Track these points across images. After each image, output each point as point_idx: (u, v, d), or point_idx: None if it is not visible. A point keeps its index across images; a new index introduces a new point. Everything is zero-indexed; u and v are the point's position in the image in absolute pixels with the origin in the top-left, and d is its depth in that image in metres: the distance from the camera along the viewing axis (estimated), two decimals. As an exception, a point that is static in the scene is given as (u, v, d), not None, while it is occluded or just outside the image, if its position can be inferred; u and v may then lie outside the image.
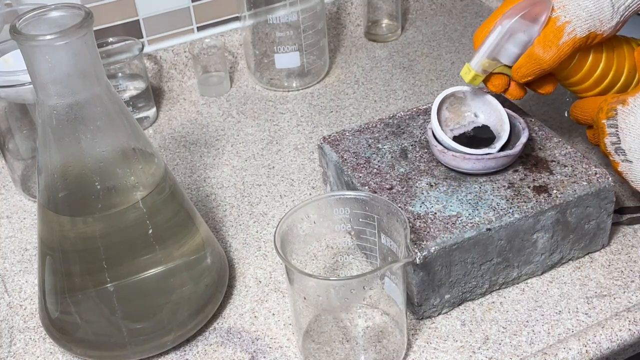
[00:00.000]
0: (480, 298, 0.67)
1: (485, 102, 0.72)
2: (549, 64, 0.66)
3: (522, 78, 0.67)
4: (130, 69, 0.94)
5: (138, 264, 0.62)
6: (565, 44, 0.65)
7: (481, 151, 0.67)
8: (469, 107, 0.72)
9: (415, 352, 0.63)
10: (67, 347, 0.64)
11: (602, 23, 0.65)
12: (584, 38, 0.65)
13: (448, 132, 0.71)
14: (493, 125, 0.71)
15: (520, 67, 0.67)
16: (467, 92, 0.72)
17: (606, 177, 0.67)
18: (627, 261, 0.70)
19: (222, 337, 0.66)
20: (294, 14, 0.95)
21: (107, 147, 0.59)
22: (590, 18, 0.65)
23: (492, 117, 0.71)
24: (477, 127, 0.72)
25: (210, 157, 0.90)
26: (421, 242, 0.62)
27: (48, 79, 0.55)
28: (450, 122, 0.72)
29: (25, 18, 0.55)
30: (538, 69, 0.66)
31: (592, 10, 0.65)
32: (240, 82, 1.04)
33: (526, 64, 0.66)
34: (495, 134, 0.70)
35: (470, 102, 0.72)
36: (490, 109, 0.71)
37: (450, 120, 0.72)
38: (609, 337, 0.62)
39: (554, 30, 0.65)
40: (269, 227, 0.78)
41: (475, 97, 0.72)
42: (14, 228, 0.81)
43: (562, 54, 0.65)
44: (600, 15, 0.65)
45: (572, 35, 0.65)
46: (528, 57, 0.66)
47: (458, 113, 0.72)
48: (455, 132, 0.71)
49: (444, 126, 0.71)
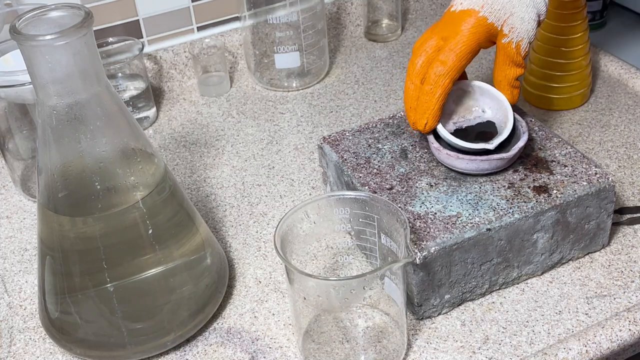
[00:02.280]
0: (480, 298, 0.67)
1: (493, 98, 0.71)
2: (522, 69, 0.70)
3: (515, 97, 0.71)
4: (130, 69, 0.94)
5: (138, 264, 0.62)
6: (525, 54, 0.69)
7: (477, 145, 0.67)
8: (476, 102, 0.72)
9: (415, 352, 0.63)
10: (67, 347, 0.64)
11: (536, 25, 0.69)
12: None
13: (450, 124, 0.71)
14: (499, 122, 0.70)
15: (510, 92, 0.70)
16: (476, 86, 0.71)
17: (606, 177, 0.67)
18: (627, 261, 0.70)
19: (222, 337, 0.66)
20: (294, 14, 0.95)
21: (107, 147, 0.59)
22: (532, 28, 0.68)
23: (499, 114, 0.71)
24: (481, 122, 0.71)
25: (210, 157, 0.90)
26: (421, 242, 0.62)
27: (48, 79, 0.55)
28: (455, 115, 0.71)
29: (25, 18, 0.55)
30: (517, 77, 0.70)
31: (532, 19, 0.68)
32: (240, 82, 1.04)
33: (509, 85, 0.70)
34: (499, 131, 0.70)
35: (479, 96, 0.71)
36: (498, 105, 0.71)
37: (455, 113, 0.71)
38: (609, 337, 0.62)
39: (515, 51, 0.68)
40: (269, 227, 0.78)
41: (484, 92, 0.71)
42: (14, 228, 0.81)
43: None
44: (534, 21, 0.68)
45: (528, 48, 0.69)
46: (507, 81, 0.70)
47: (465, 107, 0.71)
48: (458, 125, 0.71)
49: (447, 118, 0.70)
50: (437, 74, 0.66)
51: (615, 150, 0.84)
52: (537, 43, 0.89)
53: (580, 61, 0.88)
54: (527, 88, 0.92)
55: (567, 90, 0.90)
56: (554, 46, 0.87)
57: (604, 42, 1.04)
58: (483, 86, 0.71)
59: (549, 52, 0.88)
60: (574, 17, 0.86)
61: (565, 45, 0.87)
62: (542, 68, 0.89)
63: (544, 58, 0.89)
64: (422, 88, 0.67)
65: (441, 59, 0.66)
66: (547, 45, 0.88)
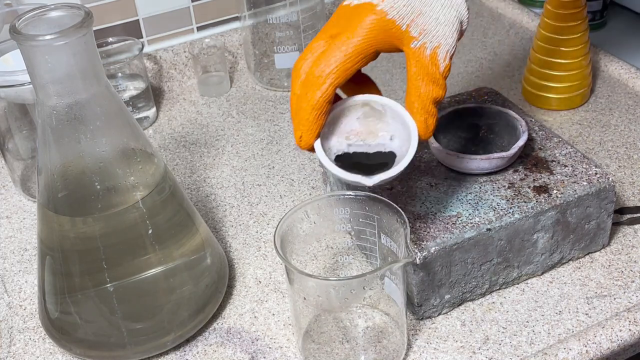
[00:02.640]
0: (480, 298, 0.67)
1: (404, 125, 0.56)
2: (444, 93, 0.55)
3: (429, 128, 0.56)
4: (130, 69, 0.94)
5: (138, 264, 0.62)
6: (446, 68, 0.55)
7: (352, 177, 0.54)
8: (387, 126, 0.57)
9: (415, 353, 0.63)
10: (66, 348, 0.64)
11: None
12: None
13: (344, 144, 0.56)
14: (400, 155, 0.56)
15: (423, 121, 0.55)
16: (388, 106, 0.56)
17: (606, 177, 0.67)
18: (627, 261, 0.70)
19: (222, 337, 0.66)
20: (294, 14, 0.95)
21: (107, 147, 0.59)
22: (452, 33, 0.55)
23: (405, 148, 0.56)
24: (382, 152, 0.57)
25: (210, 157, 0.90)
26: (421, 242, 0.62)
27: (48, 79, 0.55)
28: (354, 136, 0.56)
29: (25, 18, 0.55)
30: (435, 104, 0.55)
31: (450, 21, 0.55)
32: (240, 82, 1.04)
33: (423, 110, 0.55)
34: (395, 164, 0.56)
35: (390, 120, 0.56)
36: (407, 136, 0.56)
37: (356, 133, 0.57)
38: (609, 337, 0.62)
39: (430, 61, 0.54)
40: (269, 227, 0.78)
41: (396, 116, 0.56)
42: (14, 228, 0.81)
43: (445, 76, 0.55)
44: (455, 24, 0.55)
45: (448, 60, 0.55)
46: (421, 104, 0.55)
47: (371, 129, 0.57)
48: (354, 148, 0.56)
49: (342, 136, 0.56)
50: (316, 75, 0.53)
51: (615, 150, 0.84)
52: (537, 43, 0.89)
53: (580, 61, 0.88)
54: (527, 88, 0.92)
55: (567, 90, 0.90)
56: (554, 46, 0.87)
57: (604, 42, 1.04)
58: (396, 108, 0.56)
59: (549, 52, 0.88)
60: (574, 17, 0.86)
61: (565, 45, 0.87)
62: (542, 68, 0.89)
63: (544, 58, 0.89)
64: (300, 94, 0.55)
65: (323, 58, 0.53)
66: (547, 45, 0.88)
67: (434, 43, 0.54)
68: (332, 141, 0.56)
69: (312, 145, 0.55)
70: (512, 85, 0.97)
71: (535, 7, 1.14)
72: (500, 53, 1.05)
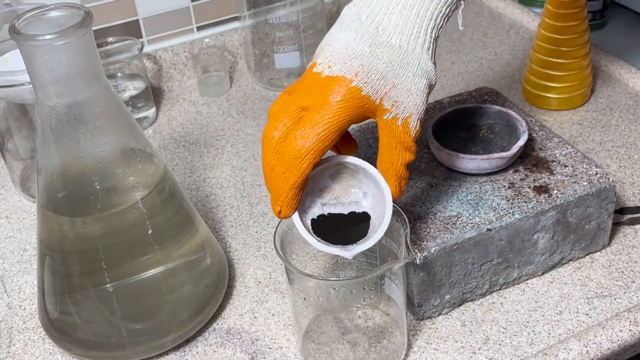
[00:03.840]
0: (480, 298, 0.67)
1: (377, 186, 0.57)
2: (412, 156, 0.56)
3: (402, 190, 0.57)
4: (129, 69, 0.94)
5: (137, 264, 0.62)
6: (417, 133, 0.56)
7: (332, 249, 0.55)
8: (359, 183, 0.58)
9: (415, 353, 0.63)
10: (66, 348, 0.64)
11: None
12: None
13: (318, 205, 0.57)
14: (374, 219, 0.57)
15: (397, 185, 0.56)
16: (361, 167, 0.56)
17: (607, 177, 0.67)
18: (627, 261, 0.70)
19: (221, 337, 0.66)
20: (294, 14, 0.95)
21: (107, 147, 0.59)
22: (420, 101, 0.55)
23: (379, 209, 0.57)
24: (355, 212, 0.57)
25: (210, 157, 0.90)
26: (421, 242, 0.62)
27: (47, 79, 0.55)
28: (327, 194, 0.57)
29: (25, 18, 0.55)
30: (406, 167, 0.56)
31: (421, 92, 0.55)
32: (240, 82, 1.04)
33: (397, 175, 0.56)
34: (369, 233, 0.57)
35: (362, 178, 0.57)
36: (380, 197, 0.57)
37: (329, 191, 0.57)
38: (609, 337, 0.62)
39: (402, 130, 0.55)
40: (268, 227, 0.78)
41: (368, 176, 0.57)
42: (13, 228, 0.81)
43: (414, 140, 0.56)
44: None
45: (419, 126, 0.55)
46: (394, 170, 0.56)
47: (344, 185, 0.58)
48: (327, 209, 0.57)
49: (316, 196, 0.57)
50: (293, 156, 0.52)
51: (615, 150, 0.84)
52: (537, 43, 0.89)
53: (581, 61, 0.88)
54: (527, 88, 0.92)
55: (568, 90, 0.90)
56: (554, 46, 0.87)
57: (604, 42, 1.04)
58: (369, 170, 0.56)
59: (549, 51, 0.88)
60: (574, 17, 0.86)
61: (565, 45, 0.87)
62: (542, 68, 0.89)
63: (544, 58, 0.89)
64: (275, 170, 0.54)
65: (298, 138, 0.53)
66: (548, 45, 0.88)
67: (405, 114, 0.54)
68: (307, 202, 0.57)
69: (291, 217, 0.55)
70: (512, 85, 0.97)
71: (535, 7, 1.14)
72: (501, 53, 1.05)
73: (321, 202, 0.57)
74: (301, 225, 0.55)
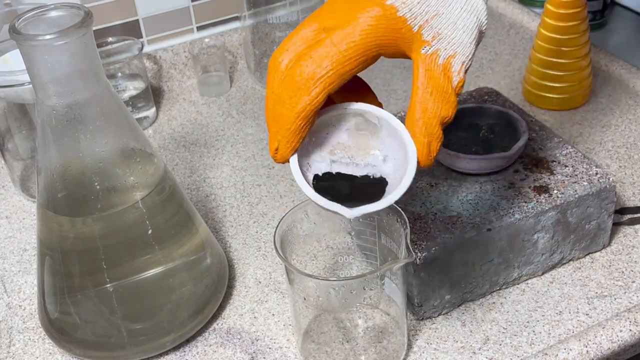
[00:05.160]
0: (480, 298, 0.67)
1: (402, 146, 0.46)
2: (452, 114, 0.46)
3: (432, 154, 0.46)
4: (129, 69, 0.94)
5: (137, 264, 0.62)
6: (460, 83, 0.46)
7: (331, 205, 0.46)
8: (381, 143, 0.48)
9: (415, 353, 0.63)
10: (66, 348, 0.64)
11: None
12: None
13: (327, 160, 0.48)
14: (391, 185, 0.47)
15: (426, 144, 0.46)
16: (385, 120, 0.47)
17: (607, 177, 0.67)
18: (627, 261, 0.70)
19: (221, 337, 0.66)
20: (294, 14, 0.95)
21: (107, 147, 0.59)
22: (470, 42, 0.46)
23: (399, 174, 0.47)
24: (371, 176, 0.48)
25: (210, 157, 0.90)
26: (421, 242, 0.62)
27: (47, 79, 0.54)
28: (340, 151, 0.48)
29: (25, 18, 0.54)
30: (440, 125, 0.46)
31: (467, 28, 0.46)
32: (240, 82, 1.04)
33: (427, 131, 0.45)
34: (386, 193, 0.47)
35: (385, 136, 0.47)
36: (404, 159, 0.47)
37: (343, 148, 0.48)
38: (609, 337, 0.62)
39: (442, 72, 0.45)
40: (268, 227, 0.78)
41: (392, 134, 0.47)
42: (13, 228, 0.81)
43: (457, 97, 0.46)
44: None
45: (463, 73, 0.46)
46: (426, 124, 0.45)
47: (362, 145, 0.48)
48: (337, 167, 0.48)
49: (325, 149, 0.48)
50: (305, 77, 0.43)
51: (615, 150, 0.84)
52: (537, 43, 0.89)
53: (581, 61, 0.88)
54: (527, 88, 0.92)
55: (568, 90, 0.90)
56: (554, 46, 0.87)
57: (604, 42, 1.04)
58: (394, 124, 0.47)
59: (549, 51, 0.88)
60: (574, 17, 0.86)
61: (565, 44, 0.87)
62: (543, 68, 0.89)
63: (544, 58, 0.89)
64: (281, 96, 0.45)
65: (314, 56, 0.43)
66: (548, 44, 0.88)
67: (448, 51, 0.45)
68: (313, 155, 0.48)
69: (289, 160, 0.46)
70: (512, 85, 0.97)
71: (535, 7, 1.14)
72: (501, 53, 1.04)
73: (331, 159, 0.48)
74: (298, 171, 0.46)
